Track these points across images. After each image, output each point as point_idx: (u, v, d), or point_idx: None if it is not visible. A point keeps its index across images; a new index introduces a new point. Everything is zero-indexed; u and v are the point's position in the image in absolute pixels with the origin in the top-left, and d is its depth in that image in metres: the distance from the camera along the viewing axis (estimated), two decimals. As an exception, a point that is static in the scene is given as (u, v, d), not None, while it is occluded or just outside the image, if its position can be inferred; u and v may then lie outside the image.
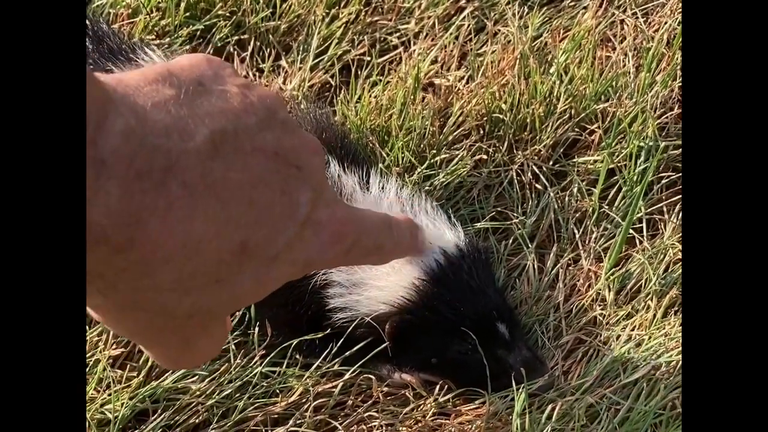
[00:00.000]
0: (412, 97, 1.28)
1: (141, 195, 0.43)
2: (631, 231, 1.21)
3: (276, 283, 0.53)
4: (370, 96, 1.30)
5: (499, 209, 1.25)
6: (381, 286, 1.05)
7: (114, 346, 1.05)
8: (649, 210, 1.25)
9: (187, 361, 0.58)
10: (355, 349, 1.05)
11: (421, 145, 1.26)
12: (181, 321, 0.50)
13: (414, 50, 1.39)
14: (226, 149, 0.47)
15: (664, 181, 1.27)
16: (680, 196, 1.26)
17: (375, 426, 1.04)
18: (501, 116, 1.28)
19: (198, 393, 1.03)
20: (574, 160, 1.29)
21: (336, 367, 1.06)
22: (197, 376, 1.04)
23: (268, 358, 1.05)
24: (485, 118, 1.29)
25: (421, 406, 1.06)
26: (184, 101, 0.47)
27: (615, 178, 1.27)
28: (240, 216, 0.47)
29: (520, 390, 1.01)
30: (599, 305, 1.17)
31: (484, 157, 1.27)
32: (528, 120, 1.28)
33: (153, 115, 0.45)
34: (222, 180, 0.46)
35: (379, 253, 0.60)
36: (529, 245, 1.21)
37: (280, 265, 0.51)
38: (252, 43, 1.39)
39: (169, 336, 0.52)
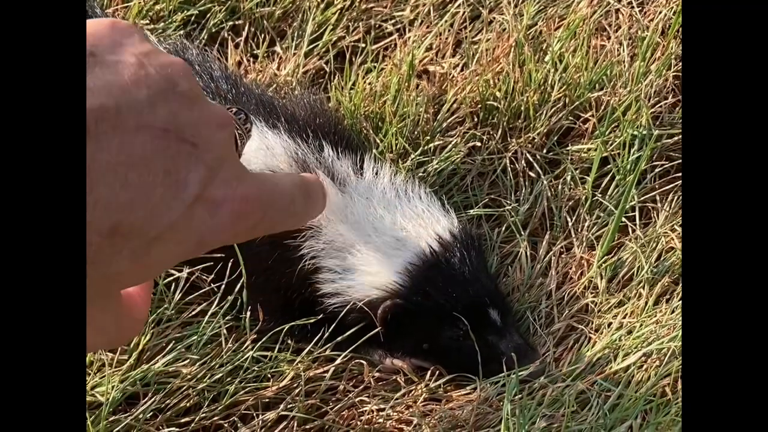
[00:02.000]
0: (406, 83, 1.28)
1: None
2: (623, 219, 1.21)
3: (163, 264, 0.51)
4: (365, 82, 1.29)
5: (492, 196, 1.25)
6: (373, 272, 1.05)
7: (105, 330, 1.05)
8: (642, 198, 1.25)
9: None
10: (346, 334, 1.05)
11: (415, 132, 1.26)
12: None
13: (409, 37, 1.38)
14: (101, 128, 0.45)
15: (657, 170, 1.27)
16: (673, 185, 1.26)
17: (366, 411, 1.04)
18: (495, 104, 1.28)
19: (189, 377, 1.03)
20: (568, 148, 1.29)
21: (327, 352, 1.06)
22: (188, 360, 1.03)
23: (260, 342, 1.05)
24: (479, 106, 1.29)
25: (413, 392, 1.06)
26: None
27: (608, 166, 1.27)
28: (109, 199, 0.45)
29: (511, 376, 1.02)
30: (591, 293, 1.17)
31: (478, 144, 1.27)
32: (522, 108, 1.28)
33: None
34: (90, 162, 0.44)
35: (290, 221, 0.58)
36: (522, 233, 1.21)
37: (164, 246, 0.49)
38: (246, 28, 1.39)
39: None
